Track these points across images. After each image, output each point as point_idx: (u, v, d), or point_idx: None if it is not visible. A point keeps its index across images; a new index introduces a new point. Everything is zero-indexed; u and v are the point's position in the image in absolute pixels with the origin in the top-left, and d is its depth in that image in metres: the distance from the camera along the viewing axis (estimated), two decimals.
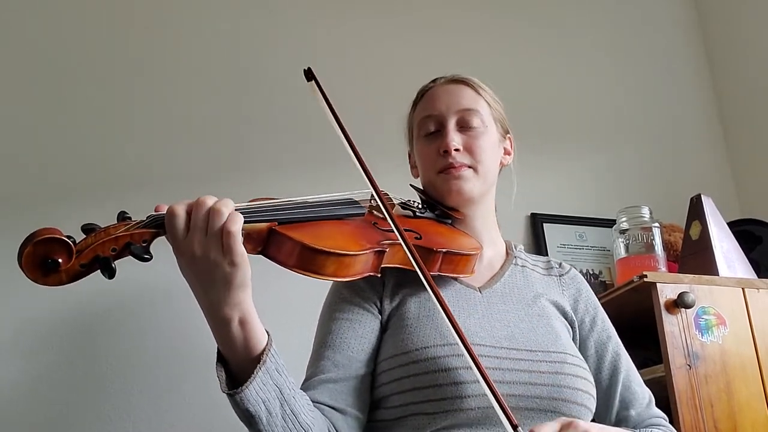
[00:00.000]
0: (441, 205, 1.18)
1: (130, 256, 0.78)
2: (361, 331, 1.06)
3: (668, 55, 2.48)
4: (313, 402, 0.96)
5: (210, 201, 0.81)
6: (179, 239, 0.80)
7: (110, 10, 1.81)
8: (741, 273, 1.69)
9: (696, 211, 1.76)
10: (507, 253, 1.23)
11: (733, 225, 1.88)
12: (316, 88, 1.04)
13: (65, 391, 1.50)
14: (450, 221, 1.18)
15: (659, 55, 2.46)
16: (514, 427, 0.81)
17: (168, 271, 1.57)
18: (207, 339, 0.89)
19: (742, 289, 1.60)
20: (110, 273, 0.76)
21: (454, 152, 1.14)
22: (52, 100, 1.70)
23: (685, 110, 2.43)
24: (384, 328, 1.08)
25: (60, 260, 0.74)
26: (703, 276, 1.59)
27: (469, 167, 1.15)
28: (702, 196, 1.77)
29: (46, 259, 0.73)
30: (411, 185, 1.25)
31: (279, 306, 1.63)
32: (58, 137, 1.68)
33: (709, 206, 1.76)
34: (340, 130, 1.02)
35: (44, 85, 1.70)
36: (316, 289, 1.15)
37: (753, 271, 1.74)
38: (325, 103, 1.04)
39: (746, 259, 1.76)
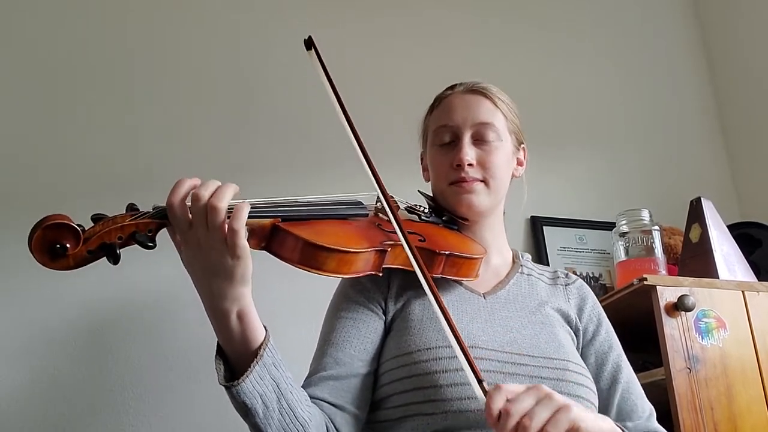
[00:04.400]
0: (449, 211, 1.18)
1: (136, 244, 0.81)
2: (364, 330, 1.07)
3: (668, 58, 2.48)
4: (313, 398, 0.97)
5: (206, 194, 0.81)
6: (183, 231, 0.82)
7: (112, 11, 1.82)
8: (741, 276, 1.69)
9: (696, 213, 1.76)
10: (513, 262, 1.24)
11: (733, 228, 1.88)
12: (316, 59, 1.05)
13: (73, 393, 1.51)
14: (457, 227, 1.18)
15: (659, 57, 2.46)
16: (479, 381, 0.84)
17: (175, 274, 1.59)
18: (213, 342, 0.89)
19: (742, 292, 1.60)
20: (115, 259, 0.78)
21: (467, 167, 1.13)
22: (53, 102, 1.70)
23: (684, 113, 2.44)
24: (388, 330, 1.09)
25: (68, 245, 0.76)
26: (703, 279, 1.59)
27: (481, 181, 1.15)
28: (702, 198, 1.77)
29: (55, 243, 0.76)
30: (419, 191, 1.25)
31: (285, 304, 1.65)
32: (59, 139, 1.68)
33: (708, 209, 1.76)
34: (340, 109, 1.03)
35: (44, 86, 1.70)
36: (321, 288, 1.15)
37: (753, 274, 1.74)
38: (324, 74, 1.04)
39: (746, 262, 1.76)
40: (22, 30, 1.72)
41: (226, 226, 0.81)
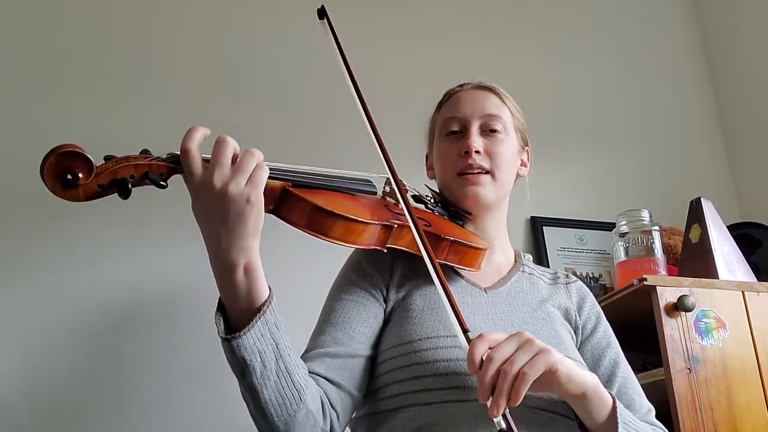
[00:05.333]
0: (455, 205, 1.19)
1: (148, 183, 0.81)
2: (365, 313, 1.07)
3: (668, 58, 2.48)
4: (309, 372, 0.96)
5: (231, 140, 0.85)
6: (196, 176, 0.82)
7: (112, 11, 1.82)
8: (741, 276, 1.69)
9: (696, 214, 1.76)
10: (515, 261, 1.25)
11: (732, 228, 1.88)
12: (328, 28, 1.06)
13: (74, 393, 1.51)
14: (461, 222, 1.19)
15: (659, 57, 2.46)
16: (465, 331, 0.87)
17: (176, 274, 1.60)
18: (214, 342, 0.89)
19: (742, 292, 1.60)
20: (126, 194, 0.78)
21: (474, 154, 1.15)
22: (53, 101, 1.70)
23: (684, 113, 2.44)
24: (387, 319, 1.09)
25: (80, 175, 0.76)
26: (703, 279, 1.58)
27: (487, 172, 1.17)
28: (702, 199, 1.77)
29: (67, 172, 0.75)
30: (426, 186, 1.25)
31: (284, 301, 1.64)
32: (59, 139, 1.66)
33: (708, 209, 1.75)
34: (351, 82, 1.04)
35: (44, 86, 1.70)
36: (320, 283, 1.16)
37: (753, 275, 1.74)
38: (335, 44, 1.07)
39: (746, 262, 1.76)
40: (22, 30, 1.72)
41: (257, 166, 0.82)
